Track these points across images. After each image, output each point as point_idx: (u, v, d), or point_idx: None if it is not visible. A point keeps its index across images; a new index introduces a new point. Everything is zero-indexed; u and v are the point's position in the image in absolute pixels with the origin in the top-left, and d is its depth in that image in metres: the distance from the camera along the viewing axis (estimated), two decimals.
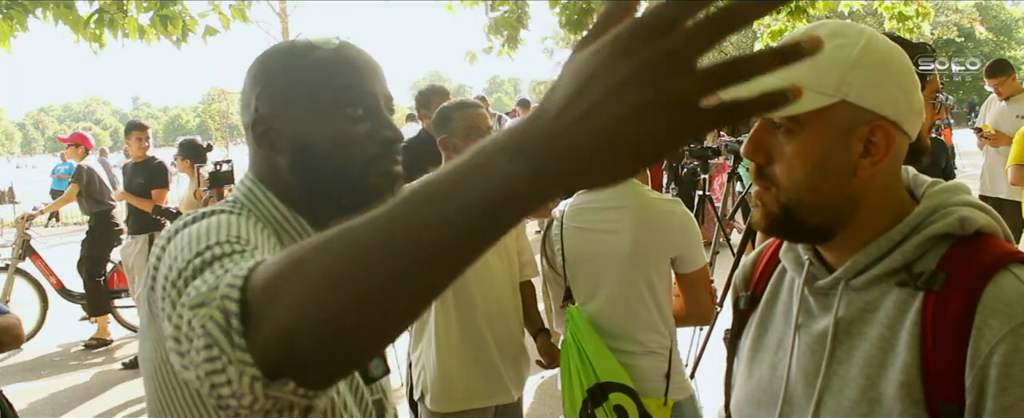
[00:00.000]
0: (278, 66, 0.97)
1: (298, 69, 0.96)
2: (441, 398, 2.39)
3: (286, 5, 20.81)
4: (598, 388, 2.13)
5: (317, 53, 0.96)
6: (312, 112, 0.95)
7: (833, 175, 0.89)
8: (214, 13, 4.47)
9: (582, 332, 2.19)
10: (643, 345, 2.19)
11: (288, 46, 0.99)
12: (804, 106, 0.87)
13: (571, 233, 2.29)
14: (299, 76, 0.95)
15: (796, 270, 1.02)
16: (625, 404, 2.11)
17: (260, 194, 0.98)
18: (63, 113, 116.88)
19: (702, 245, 2.27)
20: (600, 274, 2.24)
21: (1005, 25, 35.03)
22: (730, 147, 6.97)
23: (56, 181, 16.13)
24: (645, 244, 2.17)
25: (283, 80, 0.96)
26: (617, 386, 2.12)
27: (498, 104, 65.66)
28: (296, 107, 0.95)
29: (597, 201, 2.26)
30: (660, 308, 2.22)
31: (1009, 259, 0.85)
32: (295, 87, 0.95)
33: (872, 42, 0.89)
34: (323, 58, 0.96)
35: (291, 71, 0.96)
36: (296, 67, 0.96)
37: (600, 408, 2.12)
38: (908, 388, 0.84)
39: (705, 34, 0.42)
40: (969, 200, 0.92)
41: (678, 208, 2.26)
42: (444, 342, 2.38)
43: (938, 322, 0.84)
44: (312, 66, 0.95)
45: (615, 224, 2.20)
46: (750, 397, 1.05)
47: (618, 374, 2.13)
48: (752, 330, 1.09)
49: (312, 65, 0.95)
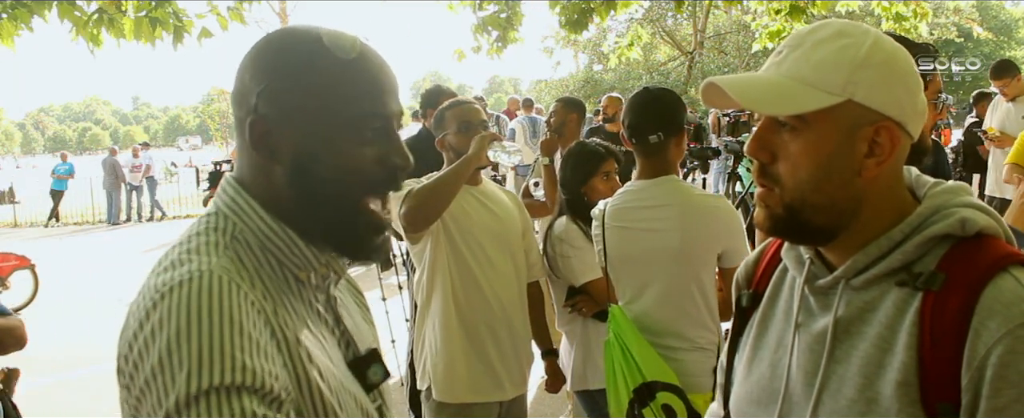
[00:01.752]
0: (289, 63, 0.86)
1: (313, 72, 0.86)
2: (445, 389, 2.39)
3: (286, 5, 20.79)
4: (645, 387, 2.13)
5: (336, 57, 0.86)
6: (322, 125, 0.86)
7: (838, 175, 0.89)
8: (211, 15, 4.46)
9: (626, 332, 2.20)
10: (691, 341, 2.20)
11: (301, 39, 0.88)
12: (811, 104, 0.87)
13: (614, 232, 2.29)
14: (313, 81, 0.86)
15: (797, 269, 1.02)
16: (673, 403, 2.11)
17: (244, 204, 0.89)
18: (63, 113, 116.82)
19: (747, 239, 2.27)
20: (647, 273, 2.24)
21: (1005, 25, 35.02)
22: (731, 147, 6.98)
23: (56, 181, 16.20)
24: (693, 241, 2.18)
25: (293, 81, 0.86)
26: (664, 385, 2.12)
27: (498, 104, 65.52)
28: (305, 115, 0.86)
29: (639, 200, 2.27)
30: (708, 303, 2.23)
31: (1009, 261, 0.85)
32: (307, 92, 0.86)
33: (878, 42, 0.89)
34: (343, 66, 0.86)
35: (304, 73, 0.86)
36: (311, 69, 0.86)
37: (648, 408, 2.12)
38: (905, 388, 0.84)
39: None
40: (971, 201, 0.92)
41: (723, 203, 2.28)
42: (445, 335, 2.40)
43: (937, 322, 0.84)
44: (330, 73, 0.86)
45: (661, 222, 2.21)
46: (750, 395, 1.05)
47: (665, 373, 2.13)
48: (753, 328, 1.09)
49: (330, 71, 0.86)
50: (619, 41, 7.67)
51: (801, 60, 0.90)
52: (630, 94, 2.41)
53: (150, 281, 0.81)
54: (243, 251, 0.87)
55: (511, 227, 2.53)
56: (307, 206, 0.89)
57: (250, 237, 0.88)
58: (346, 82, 0.87)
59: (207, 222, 0.90)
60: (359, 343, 0.97)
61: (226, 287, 0.78)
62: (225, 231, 0.88)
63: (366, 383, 0.94)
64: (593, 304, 2.59)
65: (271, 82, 0.86)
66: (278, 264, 0.89)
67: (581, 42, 23.84)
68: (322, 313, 0.93)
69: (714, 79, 0.92)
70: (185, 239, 0.88)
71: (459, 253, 2.39)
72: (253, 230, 0.88)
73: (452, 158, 2.49)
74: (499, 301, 2.43)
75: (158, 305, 0.76)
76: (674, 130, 2.27)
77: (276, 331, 0.81)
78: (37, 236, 14.28)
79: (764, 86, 0.91)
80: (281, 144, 0.87)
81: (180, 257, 0.83)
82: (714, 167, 9.49)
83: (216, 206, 0.91)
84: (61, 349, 5.99)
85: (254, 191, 0.90)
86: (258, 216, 0.89)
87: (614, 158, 2.74)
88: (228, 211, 0.90)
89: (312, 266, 0.91)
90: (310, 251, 0.90)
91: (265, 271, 0.87)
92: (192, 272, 0.78)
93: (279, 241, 0.89)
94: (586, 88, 23.57)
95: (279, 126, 0.87)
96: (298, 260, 0.90)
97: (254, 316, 0.78)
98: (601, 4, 5.84)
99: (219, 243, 0.85)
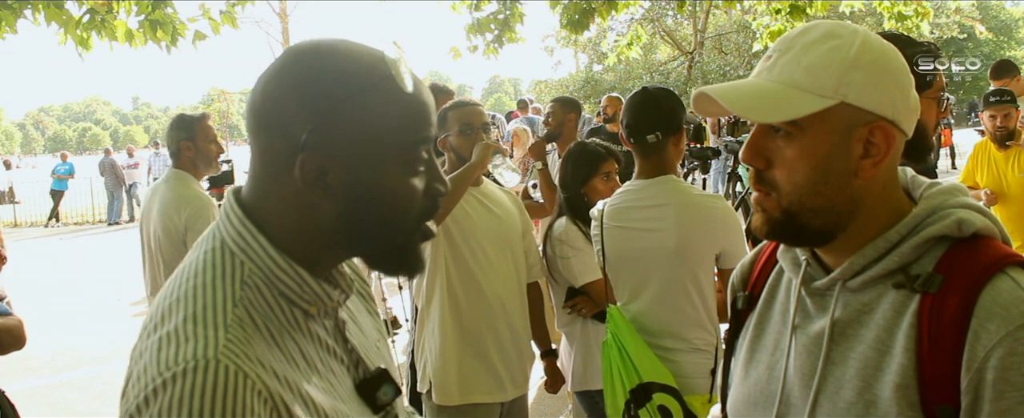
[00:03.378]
0: (343, 95, 0.81)
1: (371, 107, 0.82)
2: (447, 390, 2.40)
3: (286, 5, 20.80)
4: (641, 388, 2.13)
5: (391, 89, 0.83)
6: (382, 161, 0.83)
7: (835, 177, 0.89)
8: (204, 18, 4.45)
9: (623, 332, 2.19)
10: (689, 342, 2.19)
11: (352, 67, 0.82)
12: (804, 109, 0.86)
13: (612, 232, 2.29)
14: (372, 116, 0.82)
15: (793, 271, 1.02)
16: (669, 405, 2.11)
17: (251, 240, 0.84)
18: (63, 113, 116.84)
19: (746, 240, 2.27)
20: (644, 273, 2.24)
21: (1005, 25, 35.01)
22: (730, 147, 6.97)
23: (56, 181, 16.20)
24: (690, 241, 2.17)
25: (350, 114, 0.81)
26: (661, 386, 2.12)
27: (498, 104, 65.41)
28: (364, 152, 0.82)
29: (637, 200, 2.26)
30: (706, 304, 2.22)
31: (1006, 262, 0.85)
32: (366, 127, 0.82)
33: (867, 42, 0.89)
34: (402, 100, 0.83)
35: (362, 108, 0.81)
36: (368, 104, 0.82)
37: (644, 409, 2.12)
38: (904, 390, 0.84)
39: None
40: (967, 202, 0.92)
41: (721, 204, 2.26)
42: (446, 336, 2.40)
43: (935, 325, 0.84)
44: (389, 108, 0.82)
45: (658, 222, 2.20)
46: (747, 397, 1.05)
47: (661, 374, 2.13)
48: (750, 330, 1.08)
49: (389, 106, 0.82)
50: (619, 41, 7.67)
51: (791, 64, 0.89)
52: (630, 94, 2.41)
53: (149, 348, 0.77)
54: (253, 297, 0.82)
55: (511, 228, 2.53)
56: (359, 237, 0.86)
57: (259, 279, 0.84)
58: (407, 117, 0.84)
59: (212, 258, 0.84)
60: (369, 361, 0.95)
61: (231, 384, 0.73)
62: (233, 277, 0.83)
63: (376, 404, 0.93)
64: (593, 305, 2.59)
65: (325, 116, 0.81)
66: (288, 303, 0.85)
67: (581, 42, 23.83)
68: (330, 345, 0.91)
69: (705, 89, 0.91)
70: (187, 278, 0.83)
71: (460, 254, 2.40)
72: (262, 269, 0.84)
73: (453, 159, 2.49)
74: (500, 302, 2.43)
75: (159, 394, 0.72)
76: (672, 130, 2.27)
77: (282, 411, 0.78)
78: (37, 236, 14.29)
79: (756, 93, 0.90)
80: (338, 182, 0.82)
81: (183, 323, 0.77)
82: (713, 167, 9.49)
83: (220, 237, 0.86)
84: (61, 349, 6.00)
85: (265, 223, 0.85)
86: (267, 255, 0.84)
87: (614, 158, 2.74)
88: (235, 247, 0.84)
89: (322, 302, 0.89)
90: (321, 288, 0.88)
91: (274, 315, 0.84)
92: (197, 358, 0.73)
93: (289, 281, 0.85)
94: (586, 88, 23.57)
95: (334, 162, 0.82)
96: (309, 297, 0.87)
97: (260, 409, 0.74)
98: (602, 4, 5.85)
99: (227, 301, 0.80)
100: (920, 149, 1.55)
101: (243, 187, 0.89)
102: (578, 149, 2.78)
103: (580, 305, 2.63)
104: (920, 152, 1.55)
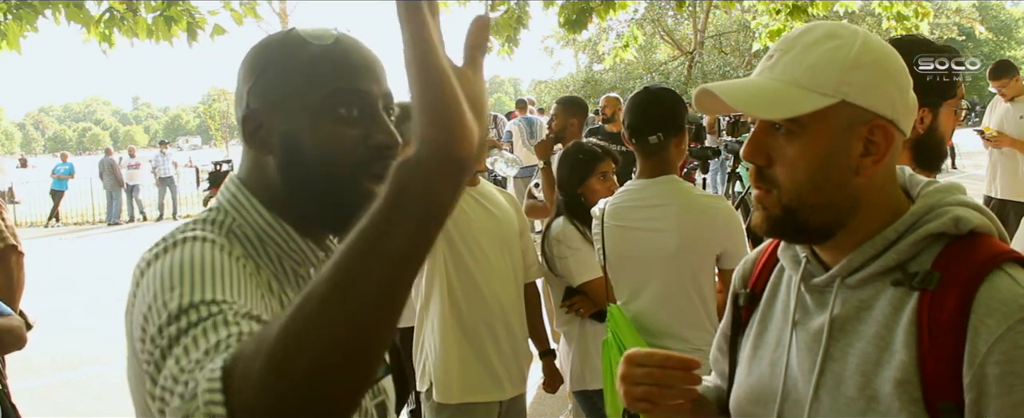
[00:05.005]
0: (270, 59, 0.92)
1: (291, 64, 0.91)
2: (446, 389, 2.40)
3: (286, 5, 20.80)
4: None
5: (312, 48, 0.91)
6: (303, 111, 0.90)
7: (836, 174, 0.90)
8: (225, 10, 4.44)
9: (623, 331, 2.19)
10: (689, 342, 2.19)
11: (281, 38, 0.94)
12: (806, 107, 0.88)
13: (613, 232, 2.29)
14: (291, 71, 0.91)
15: (793, 268, 1.03)
16: None
17: (243, 200, 0.94)
18: (63, 113, 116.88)
19: (746, 241, 2.26)
20: (645, 272, 2.24)
21: (1005, 25, 35.03)
22: (730, 147, 6.97)
23: (56, 181, 16.20)
24: (691, 241, 2.17)
25: (275, 75, 0.91)
26: None
27: (498, 104, 65.54)
28: (287, 104, 0.91)
29: (639, 199, 2.26)
30: (706, 305, 2.22)
31: (1003, 258, 0.86)
32: (287, 83, 0.91)
33: (867, 42, 0.90)
34: (318, 54, 0.91)
35: (283, 65, 0.91)
36: (289, 61, 0.91)
37: None
38: (905, 386, 0.85)
39: None
40: (964, 200, 0.93)
41: (722, 204, 2.27)
42: (446, 335, 2.40)
43: (934, 322, 0.84)
44: (305, 62, 0.91)
45: (659, 222, 2.20)
46: (750, 394, 1.06)
47: None
48: (753, 328, 1.09)
49: (305, 61, 0.91)
50: (617, 42, 7.67)
51: (793, 63, 0.90)
52: (630, 94, 2.41)
53: (144, 255, 0.86)
54: (242, 242, 0.91)
55: (509, 227, 2.54)
56: (298, 192, 0.92)
57: (248, 231, 0.92)
58: (321, 68, 0.90)
59: (206, 215, 0.93)
60: None
61: (218, 250, 0.82)
62: (222, 224, 0.92)
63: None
64: (591, 304, 2.60)
65: (257, 79, 0.92)
66: (277, 258, 0.93)
67: (581, 42, 23.84)
68: None
69: (708, 86, 0.92)
70: (182, 228, 0.90)
71: (457, 253, 2.40)
72: (251, 224, 0.92)
73: None
74: (498, 301, 2.44)
75: (152, 263, 0.81)
76: (674, 130, 2.27)
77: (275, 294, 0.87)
78: (37, 236, 14.29)
79: (759, 90, 0.91)
80: (270, 135, 0.92)
81: (173, 236, 0.87)
82: (712, 167, 9.49)
83: (218, 202, 0.95)
84: (61, 349, 6.00)
85: (253, 188, 0.94)
86: (256, 211, 0.93)
87: (611, 158, 2.74)
88: (229, 206, 0.94)
89: (310, 261, 0.94)
90: (307, 245, 0.94)
91: (264, 261, 0.92)
92: (186, 238, 0.84)
93: (276, 236, 0.93)
94: (586, 88, 23.57)
95: (267, 118, 0.92)
96: (297, 254, 0.93)
97: (247, 276, 0.82)
98: (600, 4, 5.85)
99: (215, 243, 0.87)
100: (935, 158, 1.55)
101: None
102: (574, 149, 2.78)
103: (578, 304, 2.63)
104: (934, 161, 1.55)
